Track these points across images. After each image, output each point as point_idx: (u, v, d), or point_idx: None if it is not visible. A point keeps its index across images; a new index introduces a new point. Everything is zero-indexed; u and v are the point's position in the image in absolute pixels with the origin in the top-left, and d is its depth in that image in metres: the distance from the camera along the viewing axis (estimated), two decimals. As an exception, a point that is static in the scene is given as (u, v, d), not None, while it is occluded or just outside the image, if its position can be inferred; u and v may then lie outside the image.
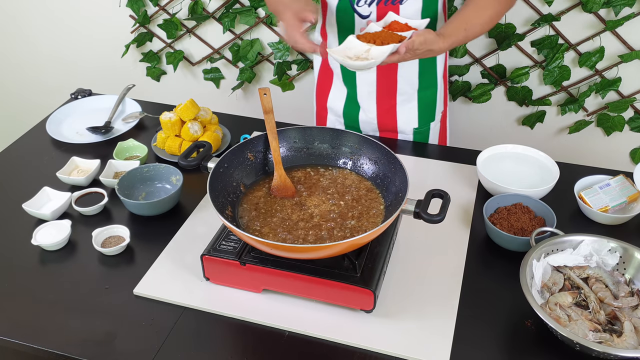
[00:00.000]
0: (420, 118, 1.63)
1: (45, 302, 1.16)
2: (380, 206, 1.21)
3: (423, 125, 1.65)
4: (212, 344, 1.08)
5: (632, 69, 1.93)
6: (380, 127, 1.66)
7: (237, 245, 1.15)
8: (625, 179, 1.39)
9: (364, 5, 1.43)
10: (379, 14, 1.43)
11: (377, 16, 1.43)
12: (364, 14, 1.44)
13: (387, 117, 1.63)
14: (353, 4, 1.43)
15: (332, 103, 1.68)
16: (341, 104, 1.66)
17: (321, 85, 1.70)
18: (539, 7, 1.90)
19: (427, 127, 1.66)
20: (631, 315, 1.06)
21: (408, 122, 1.63)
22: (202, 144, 1.27)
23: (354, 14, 1.45)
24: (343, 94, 1.64)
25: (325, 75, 1.66)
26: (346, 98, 1.64)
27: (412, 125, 1.64)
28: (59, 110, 1.78)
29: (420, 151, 1.61)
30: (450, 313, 1.11)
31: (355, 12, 1.44)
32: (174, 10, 2.28)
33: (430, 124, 1.65)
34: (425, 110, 1.62)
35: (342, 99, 1.65)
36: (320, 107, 1.73)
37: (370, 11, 1.43)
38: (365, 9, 1.43)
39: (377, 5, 1.42)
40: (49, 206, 1.38)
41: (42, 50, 2.61)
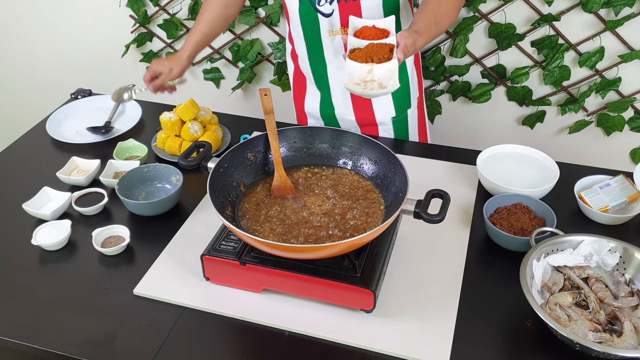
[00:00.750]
0: (396, 106, 1.63)
1: (45, 302, 1.16)
2: (380, 206, 1.21)
3: (400, 113, 1.65)
4: (212, 344, 1.08)
5: (632, 69, 1.93)
6: (359, 122, 1.66)
7: (237, 245, 1.15)
8: (625, 179, 1.39)
9: (325, 3, 1.43)
10: (342, 10, 1.43)
11: (340, 13, 1.44)
12: (327, 12, 1.44)
13: (364, 111, 1.64)
14: (314, 4, 1.44)
15: (309, 107, 1.69)
16: (317, 107, 1.67)
17: (297, 91, 1.71)
18: (539, 7, 1.90)
19: (404, 115, 1.66)
20: (631, 315, 1.06)
21: (385, 112, 1.64)
22: (202, 144, 1.27)
23: (316, 14, 1.45)
24: (317, 98, 1.66)
25: (299, 81, 1.68)
26: (320, 100, 1.66)
27: (389, 114, 1.64)
28: (59, 110, 1.78)
29: (420, 151, 1.61)
30: (450, 313, 1.11)
31: (317, 12, 1.45)
32: (174, 10, 2.28)
33: (407, 111, 1.66)
34: (399, 97, 1.63)
35: (317, 102, 1.67)
36: (299, 112, 1.75)
37: (332, 9, 1.44)
38: (327, 7, 1.44)
39: (338, 2, 1.42)
40: (49, 206, 1.38)
41: (42, 50, 2.61)
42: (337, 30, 1.47)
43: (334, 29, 1.47)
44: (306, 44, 1.54)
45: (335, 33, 1.48)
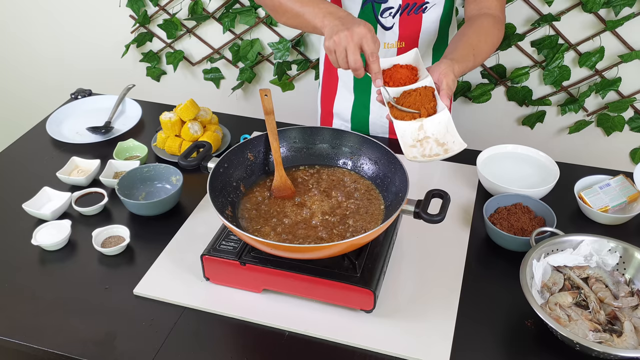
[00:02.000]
0: None
1: (45, 302, 1.16)
2: (381, 206, 1.21)
3: None
4: (212, 344, 1.08)
5: (632, 69, 1.93)
6: (391, 129, 1.64)
7: (237, 245, 1.15)
8: (625, 179, 1.39)
9: (388, 16, 1.40)
10: (402, 24, 1.41)
11: (400, 27, 1.42)
12: (387, 26, 1.42)
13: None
14: (377, 15, 1.40)
15: (339, 109, 1.66)
16: (348, 110, 1.64)
17: (326, 91, 1.68)
18: (539, 7, 1.90)
19: None
20: (631, 315, 1.06)
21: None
22: (202, 144, 1.27)
23: (377, 25, 1.42)
24: (349, 101, 1.63)
25: (330, 81, 1.65)
26: (354, 104, 1.63)
27: None
28: (59, 110, 1.78)
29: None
30: (450, 313, 1.11)
31: (378, 23, 1.42)
32: (174, 10, 2.28)
33: None
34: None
35: (348, 105, 1.64)
36: (325, 112, 1.71)
37: (393, 22, 1.41)
38: (389, 20, 1.41)
39: (400, 15, 1.40)
40: (49, 206, 1.38)
41: (42, 50, 2.61)
42: (393, 44, 1.45)
43: (390, 42, 1.45)
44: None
45: (390, 46, 1.45)
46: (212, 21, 2.27)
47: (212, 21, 2.27)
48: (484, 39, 1.29)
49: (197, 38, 2.33)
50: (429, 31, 1.44)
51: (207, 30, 2.31)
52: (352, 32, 1.06)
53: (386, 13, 1.39)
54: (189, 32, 2.32)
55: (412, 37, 1.44)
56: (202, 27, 2.31)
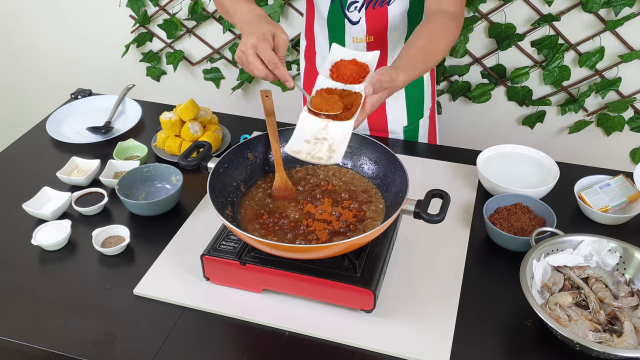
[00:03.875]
0: (409, 115, 1.63)
1: (45, 302, 1.16)
2: (380, 206, 1.21)
3: (412, 123, 1.65)
4: (212, 344, 1.08)
5: (632, 69, 1.93)
6: (370, 127, 1.66)
7: (237, 245, 1.15)
8: (625, 179, 1.38)
9: (354, 11, 1.42)
10: (368, 18, 1.43)
11: (367, 21, 1.43)
12: (354, 20, 1.44)
13: (378, 117, 1.63)
14: (344, 9, 1.43)
15: None
16: None
17: (308, 87, 1.69)
18: (539, 7, 1.90)
19: (416, 125, 1.66)
20: (631, 315, 1.06)
21: (397, 120, 1.64)
22: (202, 144, 1.27)
23: (344, 19, 1.45)
24: None
25: (311, 78, 1.66)
26: None
27: (402, 123, 1.64)
28: (59, 110, 1.78)
29: (420, 151, 1.61)
30: (450, 313, 1.11)
31: (345, 17, 1.44)
32: (174, 10, 2.28)
33: (419, 120, 1.66)
34: (413, 107, 1.63)
35: None
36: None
37: (359, 16, 1.43)
38: (355, 14, 1.43)
39: (365, 9, 1.42)
40: (49, 206, 1.38)
41: (42, 50, 2.61)
42: (362, 38, 1.47)
43: (358, 37, 1.47)
44: (330, 43, 1.52)
45: (359, 40, 1.47)
46: (212, 21, 2.27)
47: (212, 21, 2.27)
48: (436, 42, 1.26)
49: (197, 38, 2.33)
50: (397, 25, 1.45)
51: (207, 30, 2.31)
52: (245, 44, 1.08)
53: (352, 7, 1.42)
54: (189, 32, 2.32)
55: (380, 31, 1.46)
56: (202, 27, 2.31)
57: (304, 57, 1.67)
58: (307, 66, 1.66)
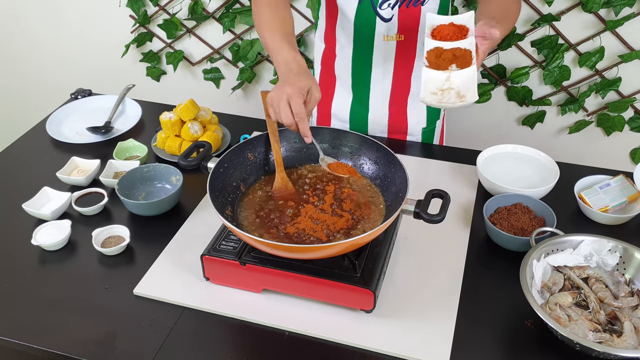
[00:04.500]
0: (428, 116, 1.63)
1: (45, 302, 1.16)
2: (380, 206, 1.21)
3: (430, 124, 1.65)
4: (212, 344, 1.08)
5: (632, 69, 1.93)
6: (390, 129, 1.65)
7: (237, 245, 1.15)
8: (625, 179, 1.39)
9: (387, 8, 1.41)
10: (401, 16, 1.42)
11: (399, 19, 1.42)
12: (386, 17, 1.42)
13: (398, 119, 1.62)
14: (375, 7, 1.41)
15: (337, 109, 1.66)
16: (347, 110, 1.64)
17: (323, 92, 1.65)
18: (539, 7, 1.90)
19: (433, 126, 1.66)
20: (631, 315, 1.06)
21: (418, 122, 1.63)
22: (202, 144, 1.27)
23: (375, 17, 1.43)
24: (348, 100, 1.63)
25: (327, 82, 1.64)
26: (352, 102, 1.62)
27: (421, 125, 1.64)
28: (59, 110, 1.78)
29: (420, 151, 1.61)
30: (450, 313, 1.11)
31: (377, 15, 1.43)
32: (174, 10, 2.28)
33: (436, 122, 1.66)
34: (432, 111, 1.63)
35: (347, 105, 1.64)
36: (322, 113, 1.70)
37: (392, 14, 1.42)
38: (388, 11, 1.41)
39: (399, 7, 1.41)
40: (49, 206, 1.38)
41: (42, 50, 2.61)
42: (393, 36, 1.45)
43: (389, 34, 1.45)
44: (354, 45, 1.51)
45: (390, 38, 1.46)
46: (212, 21, 2.27)
47: (212, 21, 2.27)
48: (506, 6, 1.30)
49: (197, 38, 2.33)
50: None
51: (207, 30, 2.31)
52: (282, 90, 1.12)
53: (385, 5, 1.41)
54: (189, 32, 2.32)
55: (412, 30, 1.45)
56: (202, 27, 2.31)
57: (320, 62, 1.64)
58: (323, 70, 1.63)
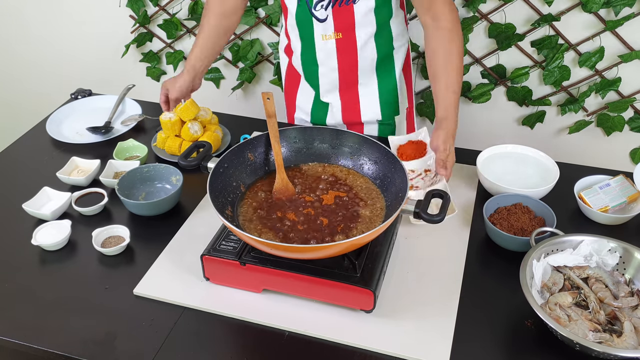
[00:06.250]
0: (382, 109, 1.64)
1: (45, 302, 1.16)
2: (380, 206, 1.21)
3: (387, 119, 1.66)
4: (212, 344, 1.08)
5: (632, 69, 1.93)
6: (345, 121, 1.67)
7: (237, 245, 1.15)
8: (625, 179, 1.39)
9: (321, 9, 1.45)
10: (335, 16, 1.45)
11: (334, 18, 1.46)
12: (321, 18, 1.47)
13: (351, 109, 1.64)
14: (310, 8, 1.46)
15: (301, 102, 1.70)
16: (309, 103, 1.68)
17: (288, 83, 1.72)
18: (539, 7, 1.90)
19: (392, 121, 1.67)
20: (631, 315, 1.06)
21: (372, 115, 1.64)
22: (202, 144, 1.27)
23: (312, 18, 1.47)
24: (311, 94, 1.67)
25: (292, 74, 1.69)
26: (314, 100, 1.66)
27: (376, 117, 1.65)
28: (59, 110, 1.79)
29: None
30: (450, 313, 1.11)
31: (312, 16, 1.47)
32: (174, 10, 2.28)
33: (394, 117, 1.67)
34: (386, 101, 1.63)
35: (310, 99, 1.67)
36: (289, 105, 1.76)
37: (326, 14, 1.46)
38: (322, 12, 1.46)
39: (332, 8, 1.44)
40: (49, 206, 1.38)
41: (42, 50, 2.61)
42: (330, 35, 1.49)
43: (327, 34, 1.49)
44: (301, 43, 1.56)
45: (328, 37, 1.50)
46: (212, 21, 2.26)
47: (212, 21, 2.26)
48: (449, 67, 1.39)
49: (197, 38, 2.33)
50: (364, 22, 1.47)
51: (207, 30, 2.31)
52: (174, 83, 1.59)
53: (318, 6, 1.45)
54: (189, 32, 2.32)
55: (348, 28, 1.48)
56: (202, 27, 2.31)
57: (284, 54, 1.70)
58: (289, 64, 1.70)
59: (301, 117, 1.72)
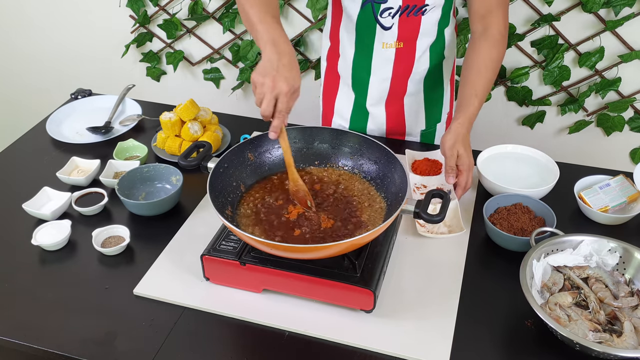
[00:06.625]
0: (427, 119, 1.63)
1: (45, 302, 1.16)
2: (380, 206, 1.21)
3: (430, 127, 1.65)
4: (212, 344, 1.08)
5: (632, 69, 1.93)
6: (388, 131, 1.65)
7: (237, 245, 1.15)
8: (625, 179, 1.38)
9: (388, 17, 1.41)
10: (401, 25, 1.42)
11: (399, 28, 1.42)
12: (387, 26, 1.43)
13: (396, 121, 1.62)
14: (376, 15, 1.41)
15: (340, 106, 1.66)
16: (349, 109, 1.64)
17: (328, 87, 1.68)
18: (539, 7, 1.90)
19: (433, 129, 1.66)
20: (631, 315, 1.06)
21: (416, 124, 1.63)
22: (202, 144, 1.27)
23: (375, 25, 1.43)
24: (350, 100, 1.63)
25: (332, 79, 1.65)
26: (354, 104, 1.63)
27: (420, 127, 1.64)
28: (59, 110, 1.78)
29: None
30: (450, 313, 1.11)
31: (377, 23, 1.43)
32: (174, 10, 2.28)
33: (436, 125, 1.66)
34: (432, 111, 1.62)
35: (349, 105, 1.64)
36: (327, 109, 1.71)
37: (392, 23, 1.42)
38: (388, 20, 1.42)
39: (399, 16, 1.41)
40: (49, 206, 1.38)
41: (42, 50, 2.61)
42: (392, 44, 1.46)
43: (389, 42, 1.46)
44: (355, 48, 1.52)
45: (389, 46, 1.46)
46: (212, 21, 2.27)
47: (212, 21, 2.27)
48: (484, 73, 1.37)
49: (197, 38, 2.33)
50: (427, 33, 1.45)
51: (207, 30, 2.31)
52: (274, 85, 1.08)
53: (385, 13, 1.40)
54: (189, 32, 2.32)
55: (411, 38, 1.45)
56: (202, 27, 2.31)
57: (325, 58, 1.65)
58: (328, 67, 1.65)
59: (339, 122, 1.69)
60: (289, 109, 1.11)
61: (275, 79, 1.08)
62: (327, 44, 1.61)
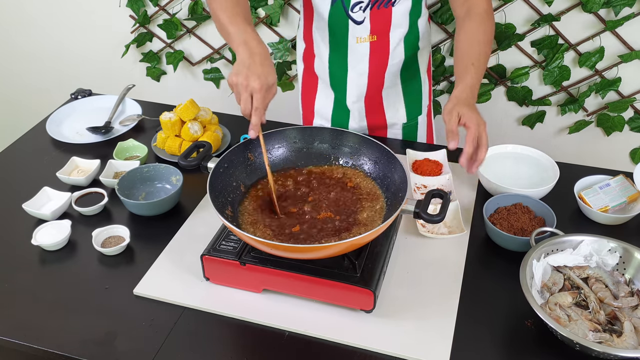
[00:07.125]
0: (407, 112, 1.64)
1: (45, 302, 1.16)
2: (380, 206, 1.21)
3: (411, 119, 1.66)
4: (212, 344, 1.08)
5: (632, 69, 1.93)
6: (369, 126, 1.66)
7: (237, 245, 1.15)
8: (625, 179, 1.39)
9: (359, 11, 1.42)
10: (373, 18, 1.43)
11: (371, 21, 1.44)
12: (358, 20, 1.44)
13: (376, 115, 1.63)
14: (347, 10, 1.43)
15: (319, 107, 1.68)
16: (329, 108, 1.66)
17: (306, 89, 1.69)
18: (539, 7, 1.90)
19: (415, 121, 1.66)
20: (631, 315, 1.06)
21: (397, 117, 1.64)
22: (202, 144, 1.27)
23: (348, 20, 1.45)
24: (330, 99, 1.64)
25: (310, 79, 1.66)
26: (334, 103, 1.64)
27: (401, 120, 1.65)
28: (59, 110, 1.78)
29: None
30: (450, 313, 1.11)
31: (349, 18, 1.44)
32: (174, 10, 2.28)
33: (417, 117, 1.66)
34: (411, 103, 1.63)
35: (329, 104, 1.65)
36: (307, 111, 1.72)
37: (364, 16, 1.43)
38: (360, 14, 1.43)
39: (370, 9, 1.42)
40: (49, 206, 1.38)
41: (42, 49, 2.61)
42: (365, 38, 1.47)
43: (362, 37, 1.46)
44: (330, 46, 1.53)
45: (362, 40, 1.47)
46: (212, 21, 2.26)
47: (212, 21, 2.26)
48: (476, 45, 1.33)
49: (197, 38, 2.33)
50: (399, 24, 1.46)
51: (207, 30, 2.31)
52: (247, 83, 1.12)
53: (356, 8, 1.42)
54: (189, 32, 2.32)
55: (384, 31, 1.47)
56: (202, 27, 2.31)
57: (302, 60, 1.66)
58: (306, 69, 1.66)
59: (320, 122, 1.70)
60: (265, 105, 1.14)
61: (247, 77, 1.12)
62: (302, 46, 1.62)
